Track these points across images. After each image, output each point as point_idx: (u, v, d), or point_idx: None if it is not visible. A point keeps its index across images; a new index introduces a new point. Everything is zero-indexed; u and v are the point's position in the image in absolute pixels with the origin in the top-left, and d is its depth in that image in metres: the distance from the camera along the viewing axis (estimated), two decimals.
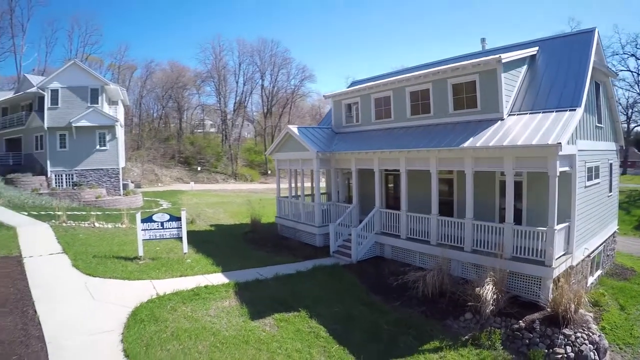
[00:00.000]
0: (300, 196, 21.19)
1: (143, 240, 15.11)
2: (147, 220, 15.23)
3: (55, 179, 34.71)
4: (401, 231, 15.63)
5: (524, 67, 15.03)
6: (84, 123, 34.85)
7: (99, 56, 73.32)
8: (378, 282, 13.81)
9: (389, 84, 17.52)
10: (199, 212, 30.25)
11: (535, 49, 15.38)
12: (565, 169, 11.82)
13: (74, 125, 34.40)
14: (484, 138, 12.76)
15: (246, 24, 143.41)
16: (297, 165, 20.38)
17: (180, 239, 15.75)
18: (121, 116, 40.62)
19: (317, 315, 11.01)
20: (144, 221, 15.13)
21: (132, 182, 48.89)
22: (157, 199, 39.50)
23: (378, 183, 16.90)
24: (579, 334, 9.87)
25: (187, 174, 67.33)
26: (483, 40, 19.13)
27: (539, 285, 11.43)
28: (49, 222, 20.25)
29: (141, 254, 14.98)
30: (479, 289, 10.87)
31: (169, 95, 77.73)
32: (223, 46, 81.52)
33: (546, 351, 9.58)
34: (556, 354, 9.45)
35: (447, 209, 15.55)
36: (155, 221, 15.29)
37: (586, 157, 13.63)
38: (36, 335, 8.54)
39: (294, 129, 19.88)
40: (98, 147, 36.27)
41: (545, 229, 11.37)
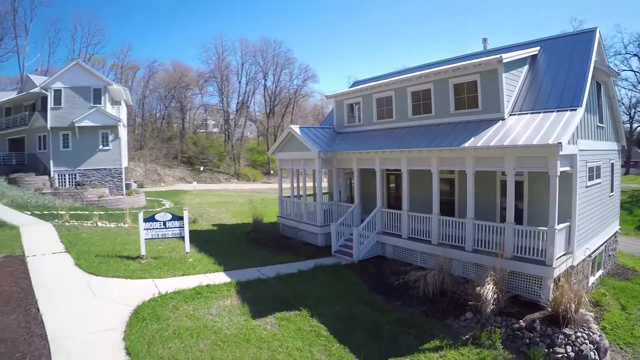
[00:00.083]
0: (302, 196, 21.22)
1: (145, 240, 15.16)
2: (150, 219, 15.29)
3: (58, 179, 34.85)
4: (402, 231, 15.66)
5: (525, 67, 15.04)
6: (86, 123, 34.97)
7: (101, 56, 73.92)
8: (379, 282, 13.84)
9: (390, 84, 17.55)
10: (201, 212, 30.37)
11: (536, 49, 15.38)
12: (566, 168, 11.82)
13: (77, 125, 34.52)
14: (484, 138, 12.78)
15: (249, 24, 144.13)
16: (299, 165, 20.42)
17: (183, 238, 15.82)
18: (124, 116, 40.75)
19: (318, 314, 11.04)
20: (146, 220, 15.18)
21: (134, 181, 49.06)
22: (160, 199, 39.65)
23: (379, 183, 16.93)
24: (579, 334, 9.87)
25: (190, 174, 67.49)
26: (484, 40, 19.13)
27: (539, 284, 11.44)
28: (51, 222, 20.32)
29: (143, 253, 15.05)
30: (479, 288, 10.89)
31: (171, 95, 78.00)
32: (226, 46, 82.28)
33: (546, 351, 9.60)
34: (556, 354, 9.46)
35: (449, 208, 15.57)
36: (157, 220, 15.34)
37: (587, 157, 13.63)
38: (39, 333, 8.61)
39: (296, 128, 19.93)
40: (101, 147, 36.36)
41: (546, 228, 11.37)
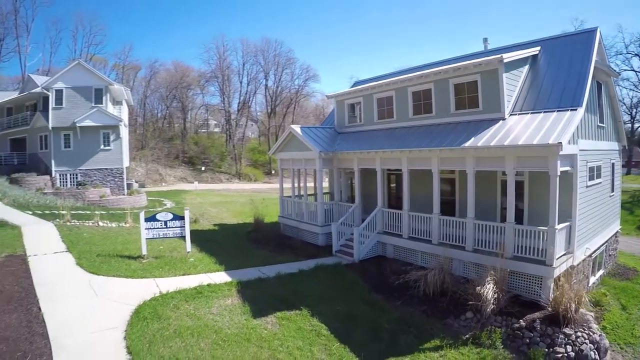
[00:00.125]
0: (303, 196, 21.25)
1: (147, 239, 15.20)
2: (151, 219, 15.33)
3: (60, 179, 34.92)
4: (403, 230, 15.67)
5: (526, 67, 15.03)
6: (88, 123, 35.03)
7: (103, 56, 73.87)
8: (380, 281, 13.85)
9: (391, 84, 17.56)
10: (202, 212, 30.43)
11: (537, 48, 15.37)
12: (567, 168, 11.82)
13: (78, 125, 34.58)
14: (485, 138, 12.79)
15: (250, 24, 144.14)
16: (300, 165, 20.44)
17: (184, 238, 15.86)
18: (125, 116, 40.83)
19: (318, 313, 11.05)
20: (147, 220, 15.22)
21: (136, 181, 49.12)
22: (161, 199, 39.68)
23: (380, 183, 16.94)
24: (579, 334, 9.87)
25: (191, 174, 67.52)
26: (485, 40, 19.13)
27: (539, 284, 11.45)
28: (53, 221, 20.37)
29: (145, 252, 15.09)
30: (479, 288, 10.90)
31: (173, 95, 78.03)
32: (227, 46, 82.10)
33: (546, 350, 9.60)
34: (556, 353, 9.47)
35: (449, 208, 15.58)
36: (158, 220, 15.38)
37: (588, 157, 13.63)
38: (40, 332, 8.65)
39: (296, 128, 19.96)
40: (102, 146, 36.43)
41: (546, 228, 11.38)
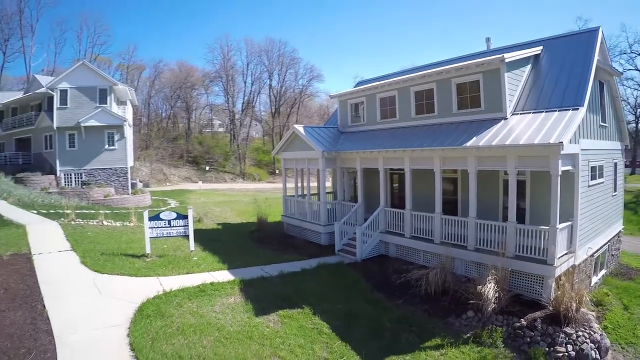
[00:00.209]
0: (306, 195, 21.31)
1: (150, 238, 15.32)
2: (155, 218, 15.45)
3: (64, 178, 35.16)
4: (405, 230, 15.71)
5: (528, 67, 15.03)
6: (92, 123, 35.29)
7: (107, 56, 74.30)
8: (382, 280, 13.90)
9: (394, 83, 17.60)
10: (206, 211, 30.55)
11: (539, 48, 15.36)
12: (568, 168, 11.84)
13: (82, 125, 34.84)
14: (486, 137, 12.81)
15: (254, 24, 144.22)
16: (303, 164, 20.52)
17: (187, 237, 15.97)
18: (130, 116, 41.04)
19: (320, 312, 11.12)
20: (151, 219, 15.34)
21: (140, 181, 49.36)
22: (165, 198, 39.83)
23: (383, 182, 16.98)
24: (580, 333, 9.88)
25: (195, 174, 67.71)
26: (488, 40, 19.12)
27: (541, 283, 11.46)
28: (58, 221, 20.49)
29: (148, 251, 15.20)
30: (481, 287, 10.94)
31: (177, 95, 78.24)
32: (231, 46, 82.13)
33: (547, 349, 9.61)
34: (557, 352, 9.48)
35: (451, 207, 15.61)
36: (162, 219, 15.50)
37: (589, 156, 13.62)
38: (45, 329, 8.76)
39: (300, 128, 20.04)
40: (107, 146, 36.69)
41: (547, 227, 11.38)
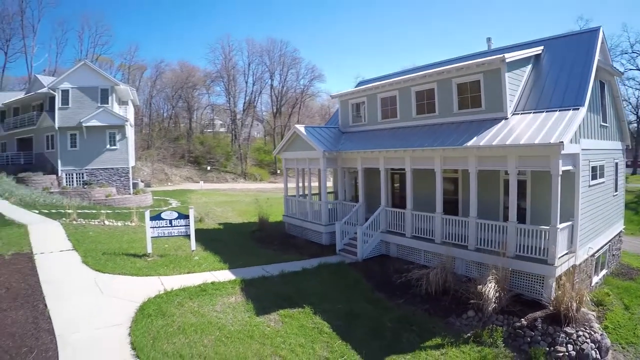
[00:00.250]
0: (307, 195, 21.35)
1: (152, 238, 15.36)
2: (156, 218, 15.49)
3: (66, 178, 35.23)
4: (406, 229, 15.73)
5: (529, 67, 15.03)
6: (94, 123, 35.34)
7: (109, 56, 74.43)
8: (383, 280, 13.91)
9: (394, 83, 17.61)
10: (207, 211, 30.60)
11: (539, 48, 15.36)
12: (569, 167, 11.84)
13: (84, 125, 34.89)
14: (487, 137, 12.82)
15: (255, 25, 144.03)
16: (304, 164, 20.55)
17: (189, 236, 16.01)
18: (131, 116, 41.12)
19: (321, 311, 11.14)
20: (152, 219, 15.38)
21: (142, 181, 49.41)
22: (167, 198, 39.92)
23: (384, 182, 17.00)
24: (580, 333, 9.89)
25: (197, 174, 67.78)
26: (489, 40, 19.12)
27: (541, 283, 11.46)
28: (59, 220, 20.55)
29: (150, 251, 15.24)
30: (481, 286, 10.95)
31: (178, 95, 78.31)
32: (232, 46, 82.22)
33: (547, 349, 9.63)
34: (557, 352, 9.49)
35: (452, 207, 15.63)
36: (163, 219, 15.54)
37: (590, 156, 13.62)
38: (46, 328, 8.79)
39: (301, 128, 20.06)
40: (108, 146, 36.73)
41: (548, 227, 11.39)
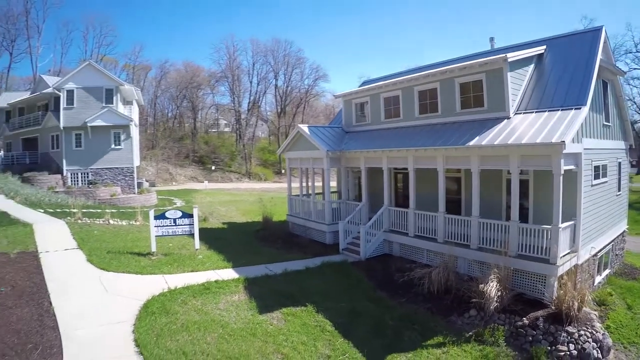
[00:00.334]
0: (311, 194, 21.41)
1: (156, 237, 15.47)
2: (160, 217, 15.60)
3: (71, 178, 35.48)
4: (409, 229, 15.75)
5: (531, 66, 15.03)
6: (99, 123, 35.60)
7: (113, 57, 75.05)
8: (385, 279, 13.95)
9: (398, 83, 17.65)
10: (212, 210, 30.74)
11: (542, 47, 15.35)
12: (571, 167, 11.84)
13: (89, 124, 35.16)
14: (489, 137, 12.83)
15: (259, 25, 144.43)
16: (308, 164, 20.60)
17: (193, 235, 16.13)
18: (136, 116, 41.35)
19: (323, 310, 11.20)
20: (157, 218, 15.48)
21: (146, 180, 49.67)
22: (171, 198, 40.10)
23: (387, 181, 17.04)
24: (582, 332, 9.88)
25: (201, 173, 68.03)
26: (492, 39, 19.14)
27: (543, 282, 11.46)
28: (64, 219, 20.70)
29: (154, 249, 15.35)
30: (483, 286, 10.95)
31: (183, 95, 78.65)
32: (237, 46, 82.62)
33: (549, 348, 9.62)
34: (559, 351, 9.50)
35: (455, 207, 15.63)
36: (168, 218, 15.64)
37: (593, 156, 13.59)
38: (51, 325, 8.91)
39: (304, 128, 20.12)
40: (113, 146, 36.99)
41: (550, 227, 11.39)
